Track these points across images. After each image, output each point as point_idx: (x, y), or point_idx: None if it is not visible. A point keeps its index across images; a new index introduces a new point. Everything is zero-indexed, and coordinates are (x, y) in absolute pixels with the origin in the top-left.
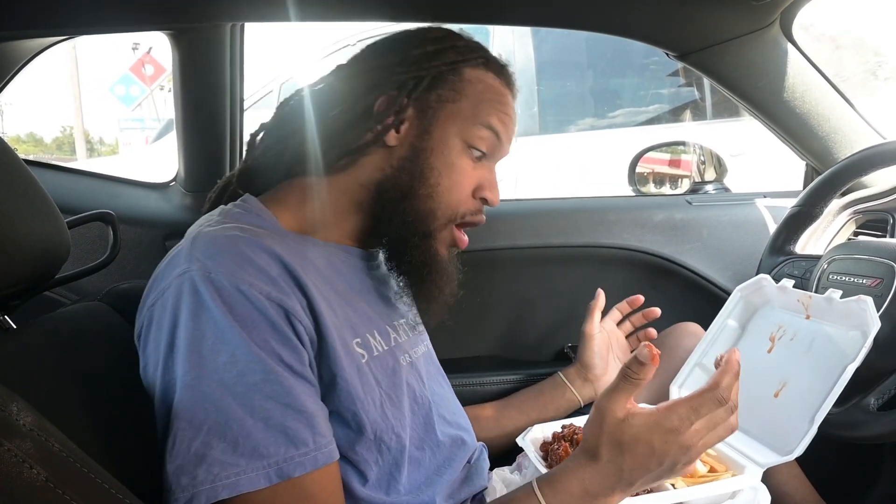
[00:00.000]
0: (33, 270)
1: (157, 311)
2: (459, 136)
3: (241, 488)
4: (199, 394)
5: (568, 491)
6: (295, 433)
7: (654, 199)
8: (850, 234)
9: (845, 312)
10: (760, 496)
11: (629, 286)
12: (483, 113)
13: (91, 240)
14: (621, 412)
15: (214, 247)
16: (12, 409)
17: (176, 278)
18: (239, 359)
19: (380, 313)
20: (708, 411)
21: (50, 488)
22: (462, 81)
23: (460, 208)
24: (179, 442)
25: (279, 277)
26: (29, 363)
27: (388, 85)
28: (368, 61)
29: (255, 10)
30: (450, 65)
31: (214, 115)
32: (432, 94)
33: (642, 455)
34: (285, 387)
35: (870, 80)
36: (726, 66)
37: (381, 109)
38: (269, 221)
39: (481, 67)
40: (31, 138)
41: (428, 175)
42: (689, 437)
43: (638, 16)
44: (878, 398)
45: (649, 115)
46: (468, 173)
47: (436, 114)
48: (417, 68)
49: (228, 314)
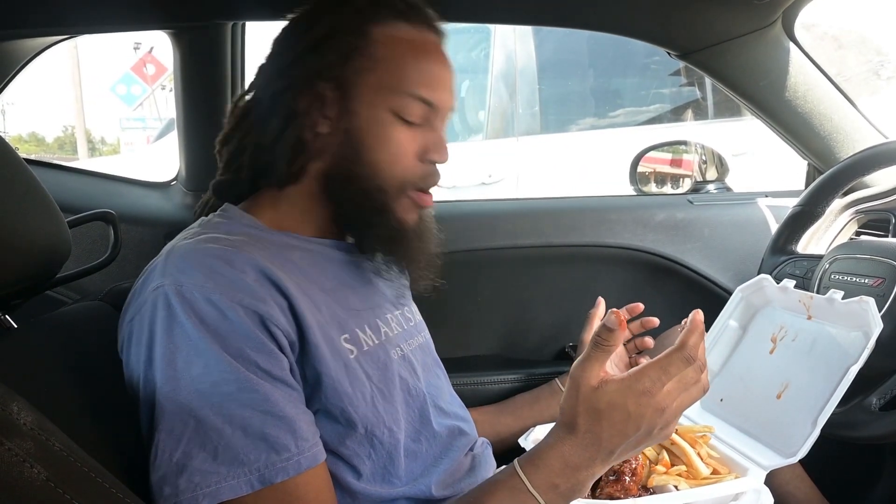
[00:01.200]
0: (34, 270)
1: (136, 325)
2: (387, 108)
3: (222, 496)
4: (177, 405)
5: (549, 466)
6: (275, 439)
7: (655, 198)
8: (852, 233)
9: (847, 313)
10: (763, 498)
11: (630, 286)
12: (406, 80)
13: (92, 239)
14: (595, 380)
15: (186, 260)
16: (13, 409)
17: (151, 293)
18: (212, 369)
19: (370, 307)
20: (677, 371)
21: (50, 487)
22: (372, 44)
23: (407, 177)
24: (161, 452)
25: (255, 283)
26: (30, 362)
27: (304, 77)
28: (277, 60)
29: (256, 9)
30: (356, 31)
31: (215, 114)
32: (348, 69)
33: (619, 421)
34: (262, 394)
35: (872, 79)
36: (728, 65)
37: (304, 104)
38: (251, 224)
39: (390, 20)
40: (32, 138)
41: (363, 153)
42: (662, 398)
43: (640, 15)
44: (880, 398)
45: (651, 114)
46: (405, 144)
47: (357, 90)
48: (324, 49)
49: (200, 326)
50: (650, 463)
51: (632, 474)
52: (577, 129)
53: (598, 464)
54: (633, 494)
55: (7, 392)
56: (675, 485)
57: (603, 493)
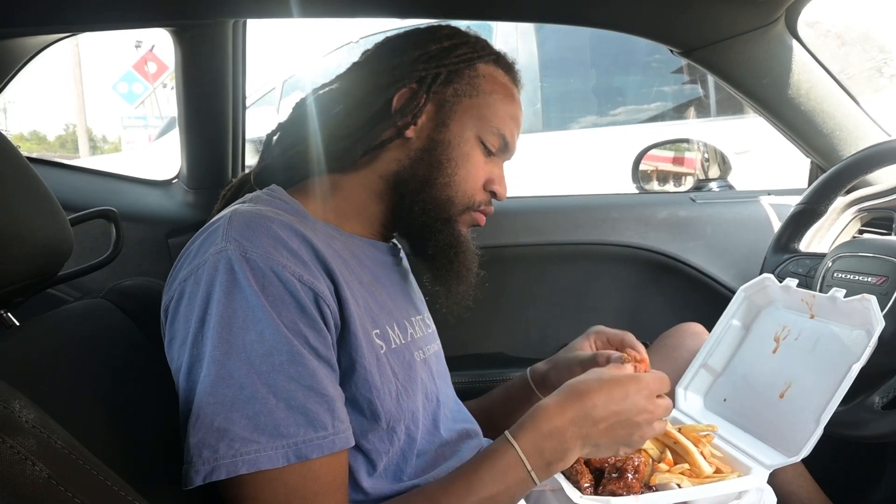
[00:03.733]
0: (36, 267)
1: (190, 285)
2: (474, 131)
3: (259, 465)
4: (226, 370)
5: (537, 428)
6: (315, 416)
7: (657, 196)
8: (854, 231)
9: (849, 311)
10: (766, 497)
11: (632, 284)
12: (495, 115)
13: (94, 237)
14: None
15: (251, 227)
16: (15, 406)
17: (212, 255)
18: (267, 338)
19: (399, 307)
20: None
21: (52, 485)
22: (477, 77)
23: (475, 198)
24: (203, 416)
25: (310, 261)
26: (32, 360)
27: (407, 80)
28: (386, 58)
29: (257, 6)
30: (465, 60)
31: (217, 112)
32: (449, 89)
33: (613, 398)
34: (309, 369)
35: (875, 77)
36: (731, 62)
37: (400, 104)
38: (297, 210)
39: (493, 64)
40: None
41: (445, 165)
42: (651, 396)
43: (643, 12)
44: (883, 397)
45: (653, 112)
46: (481, 166)
47: (453, 107)
48: (435, 64)
49: (260, 294)
50: (653, 461)
51: (634, 471)
52: (579, 126)
53: (582, 436)
54: (635, 492)
55: (9, 390)
56: (677, 483)
57: (605, 490)
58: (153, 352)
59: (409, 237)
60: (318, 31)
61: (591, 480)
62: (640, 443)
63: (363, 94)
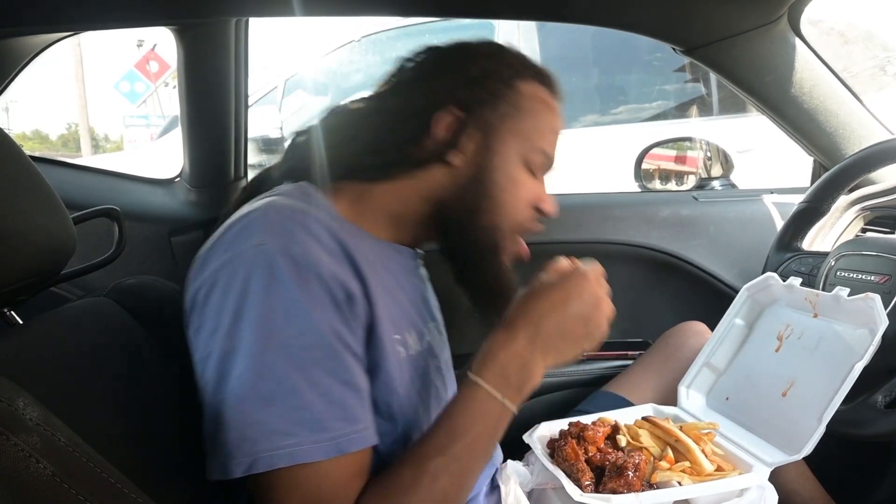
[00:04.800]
0: (39, 266)
1: (225, 276)
2: (519, 153)
3: (298, 459)
4: (265, 364)
5: (496, 359)
6: (352, 410)
7: (659, 195)
8: (858, 230)
9: (853, 310)
10: (767, 495)
11: (635, 282)
12: (538, 134)
13: (96, 236)
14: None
15: (290, 222)
16: (19, 404)
17: (252, 248)
18: (306, 334)
19: (419, 314)
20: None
21: (56, 482)
22: (519, 97)
23: (520, 219)
24: (243, 409)
25: (344, 261)
26: (35, 358)
27: (449, 103)
28: (426, 79)
29: (259, 5)
30: (507, 81)
31: (219, 111)
32: (491, 112)
33: (551, 303)
34: (346, 364)
35: (878, 75)
36: (733, 61)
37: (442, 130)
38: (326, 208)
39: (533, 80)
40: (36, 135)
41: (493, 190)
42: (584, 286)
43: (644, 10)
44: (886, 396)
45: (655, 111)
46: (528, 186)
47: (497, 131)
48: (477, 87)
49: (299, 290)
50: (654, 459)
51: (635, 469)
52: (580, 125)
53: (540, 350)
54: (636, 490)
55: (13, 387)
56: (678, 481)
57: (606, 487)
58: (156, 350)
59: (455, 265)
60: (320, 29)
61: (591, 478)
62: (598, 331)
63: (402, 114)
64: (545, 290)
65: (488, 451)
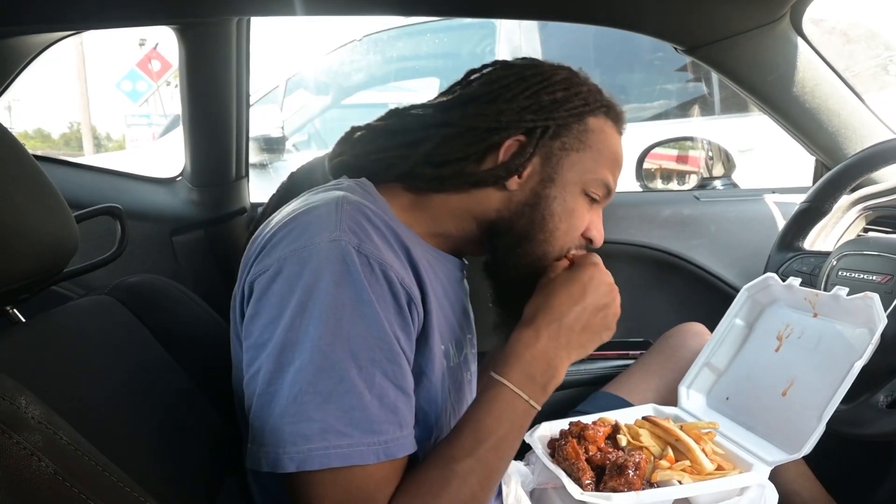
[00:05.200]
0: (42, 264)
1: (292, 266)
2: (579, 186)
3: (351, 460)
4: (329, 361)
5: (520, 358)
6: (403, 415)
7: (661, 194)
8: (859, 230)
9: (852, 309)
10: (768, 493)
11: (636, 282)
12: (601, 168)
13: (98, 234)
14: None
15: (365, 221)
16: (21, 402)
17: (326, 242)
18: (371, 334)
19: (460, 326)
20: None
21: (58, 481)
22: (586, 131)
23: (569, 247)
24: (300, 403)
25: (408, 265)
26: (37, 356)
27: (514, 129)
28: (494, 100)
29: (261, 4)
30: (576, 114)
31: (221, 110)
32: (557, 142)
33: (571, 296)
34: (402, 369)
35: (880, 74)
36: (735, 60)
37: (506, 152)
38: (385, 209)
39: (602, 116)
40: (38, 134)
41: (548, 221)
42: (603, 279)
43: (646, 10)
44: (887, 395)
45: (656, 110)
46: (584, 218)
47: (559, 161)
48: (545, 116)
49: (370, 289)
50: (654, 458)
51: (636, 468)
52: None
53: (564, 346)
54: (636, 488)
55: (15, 386)
56: (678, 479)
57: (606, 486)
58: (157, 348)
59: (497, 286)
60: (322, 29)
61: (592, 477)
62: (614, 320)
63: (466, 131)
64: (561, 284)
65: (514, 449)
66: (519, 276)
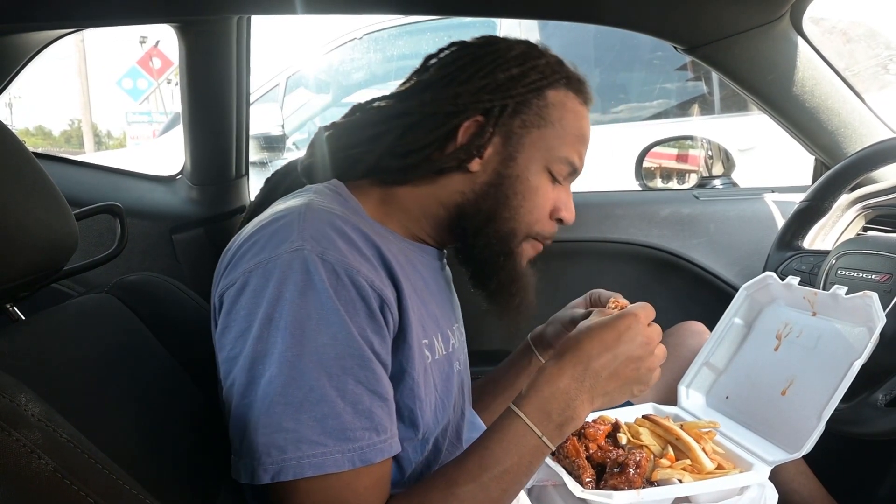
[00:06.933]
0: (41, 262)
1: (257, 278)
2: (542, 163)
3: (326, 468)
4: (297, 371)
5: (539, 393)
6: (379, 420)
7: (660, 193)
8: (859, 229)
9: (851, 308)
10: (768, 493)
11: (635, 281)
12: (564, 145)
13: (98, 232)
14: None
15: (327, 227)
16: (20, 400)
17: (287, 252)
18: (339, 342)
19: (444, 316)
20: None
21: (58, 478)
22: (546, 105)
23: (537, 227)
24: (272, 415)
25: (379, 267)
26: (37, 354)
27: (472, 111)
28: (450, 83)
29: (261, 2)
30: (534, 89)
31: (221, 108)
32: (516, 120)
33: (603, 343)
34: (376, 374)
35: (881, 74)
36: (735, 59)
37: (465, 135)
38: (356, 209)
39: (562, 88)
40: (39, 131)
41: (511, 199)
42: (640, 331)
43: (646, 9)
44: (886, 394)
45: (656, 109)
46: (548, 195)
47: (520, 140)
48: (502, 94)
49: (335, 296)
50: (654, 457)
51: (636, 466)
52: None
53: (587, 389)
54: (637, 487)
55: (15, 383)
56: (679, 478)
57: (607, 484)
58: (157, 346)
59: (470, 269)
60: (322, 27)
61: (592, 475)
62: (648, 376)
63: (425, 118)
64: (597, 329)
65: (520, 483)
66: (491, 254)
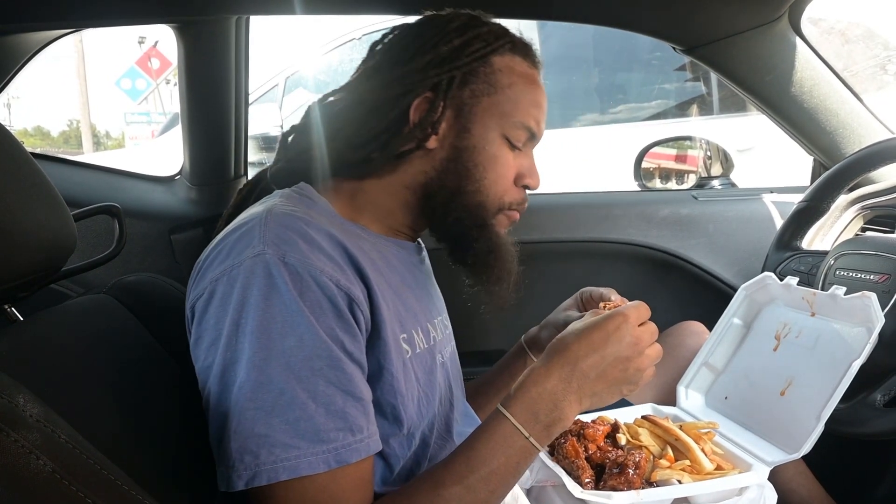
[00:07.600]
0: (40, 263)
1: (223, 286)
2: (498, 130)
3: (300, 471)
4: (265, 375)
5: (527, 393)
6: (353, 420)
7: (659, 194)
8: (857, 229)
9: (850, 309)
10: (767, 494)
11: (634, 281)
12: (518, 109)
13: (97, 233)
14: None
15: (288, 230)
16: (19, 401)
17: (249, 258)
18: (306, 344)
19: (424, 309)
20: (637, 321)
21: (56, 479)
22: (493, 72)
23: (506, 198)
24: (244, 421)
25: (345, 265)
26: (35, 355)
27: (420, 88)
28: (396, 64)
29: (260, 2)
30: (479, 57)
31: (220, 108)
32: (465, 91)
33: (591, 343)
34: (347, 373)
35: (879, 74)
36: (734, 60)
37: (417, 114)
38: (325, 209)
39: (508, 53)
40: (37, 132)
41: (473, 171)
42: (629, 330)
43: (645, 9)
44: (885, 394)
45: (655, 110)
46: (510, 163)
47: (472, 110)
48: (448, 67)
49: (299, 299)
50: (654, 457)
51: (635, 467)
52: (580, 124)
53: (575, 390)
54: (636, 487)
55: (13, 384)
56: (678, 479)
57: (606, 485)
58: (155, 346)
59: (447, 245)
60: (320, 27)
61: (592, 475)
62: (638, 376)
63: (376, 104)
64: (585, 330)
65: (507, 485)
66: (463, 228)
